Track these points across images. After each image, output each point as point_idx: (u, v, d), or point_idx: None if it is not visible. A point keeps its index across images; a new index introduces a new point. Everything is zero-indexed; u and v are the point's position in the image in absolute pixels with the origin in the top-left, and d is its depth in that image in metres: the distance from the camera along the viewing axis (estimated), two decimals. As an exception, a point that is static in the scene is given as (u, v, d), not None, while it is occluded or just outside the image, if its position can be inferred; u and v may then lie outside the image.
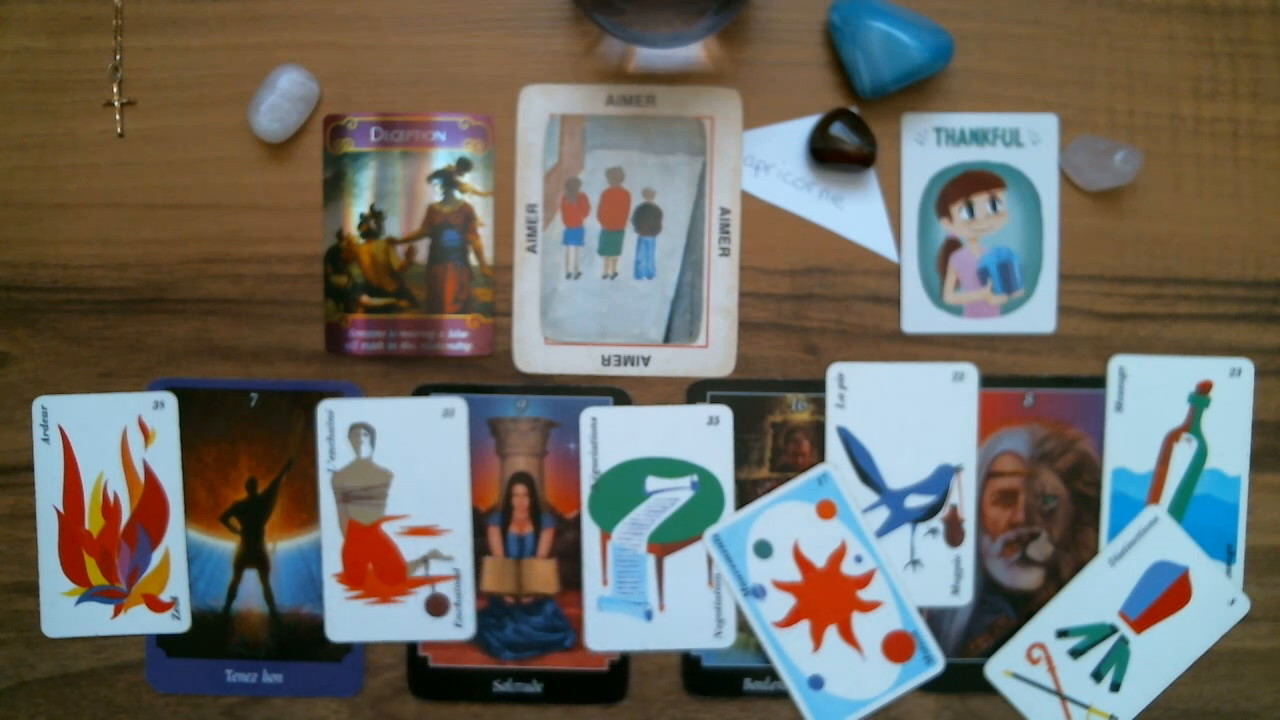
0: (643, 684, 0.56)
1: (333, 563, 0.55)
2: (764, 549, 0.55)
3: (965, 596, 0.55)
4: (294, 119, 0.54)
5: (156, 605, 0.56)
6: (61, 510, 0.55)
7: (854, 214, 0.55)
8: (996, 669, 0.56)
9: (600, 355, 0.55)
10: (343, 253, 0.55)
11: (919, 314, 0.55)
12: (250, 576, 0.56)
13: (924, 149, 0.55)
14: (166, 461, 0.55)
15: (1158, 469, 0.55)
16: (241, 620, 0.56)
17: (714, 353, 0.55)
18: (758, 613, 0.55)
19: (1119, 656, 0.55)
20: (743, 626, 0.56)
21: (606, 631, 0.56)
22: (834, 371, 0.55)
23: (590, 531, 0.55)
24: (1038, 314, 0.55)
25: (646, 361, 0.55)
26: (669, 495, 0.55)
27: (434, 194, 0.55)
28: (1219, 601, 0.55)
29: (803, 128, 0.55)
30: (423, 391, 0.55)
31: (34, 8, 0.55)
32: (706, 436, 0.55)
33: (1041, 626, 0.55)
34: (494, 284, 0.55)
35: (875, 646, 0.55)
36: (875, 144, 0.53)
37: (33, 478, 0.56)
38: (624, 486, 0.55)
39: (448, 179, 0.55)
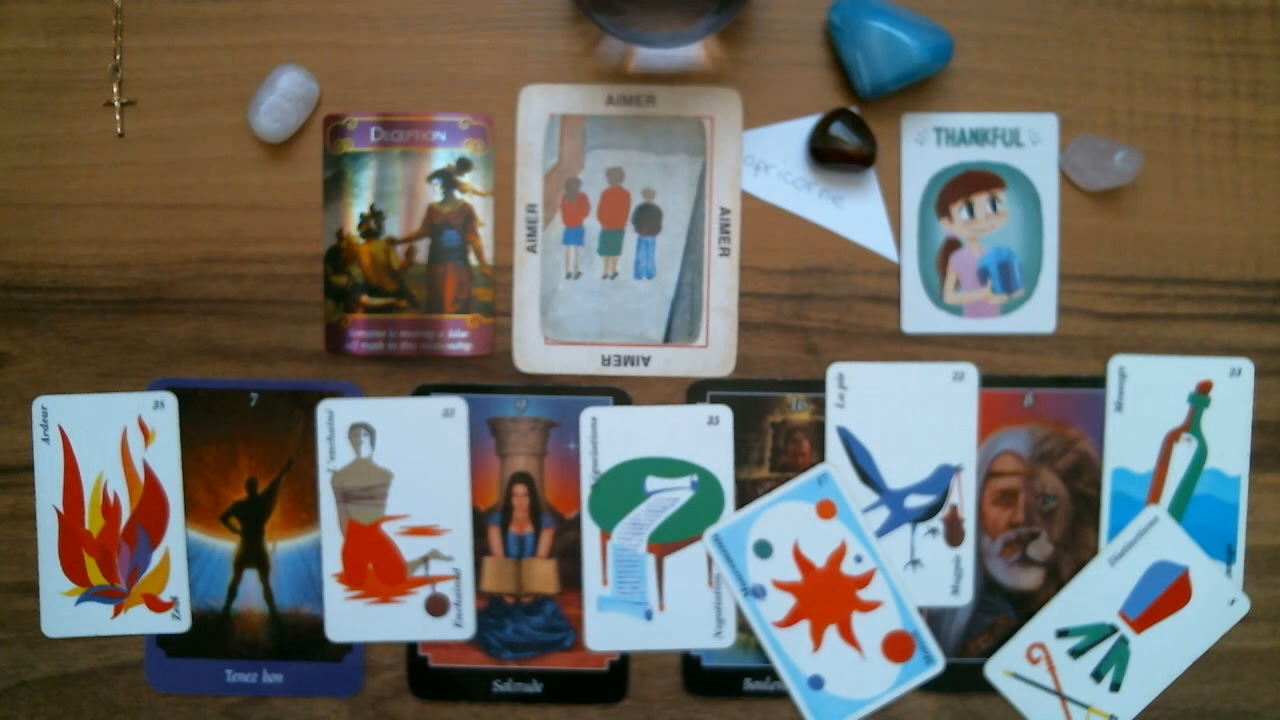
0: (643, 684, 0.56)
1: (333, 563, 0.55)
2: (764, 549, 0.55)
3: (965, 596, 0.55)
4: (294, 119, 0.54)
5: (156, 605, 0.56)
6: (61, 510, 0.55)
7: (854, 214, 0.55)
8: (996, 669, 0.56)
9: (600, 355, 0.55)
10: (343, 253, 0.55)
11: (919, 314, 0.55)
12: (250, 576, 0.56)
13: (924, 149, 0.55)
14: (166, 461, 0.55)
15: (1158, 469, 0.55)
16: (241, 620, 0.56)
17: (714, 353, 0.55)
18: (758, 613, 0.55)
19: (1119, 656, 0.55)
20: (743, 626, 0.56)
21: (606, 631, 0.56)
22: (834, 371, 0.55)
23: (590, 531, 0.55)
24: (1038, 314, 0.55)
25: (646, 361, 0.55)
26: (669, 495, 0.55)
27: (434, 194, 0.55)
28: (1219, 601, 0.55)
29: (803, 128, 0.55)
30: (423, 391, 0.55)
31: (34, 8, 0.55)
32: (706, 436, 0.55)
33: (1041, 626, 0.55)
34: (494, 284, 0.55)
35: (875, 646, 0.55)
36: (875, 144, 0.53)
37: (33, 478, 0.56)
38: (624, 486, 0.55)
39: (448, 179, 0.55)
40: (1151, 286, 0.55)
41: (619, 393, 0.55)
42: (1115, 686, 0.55)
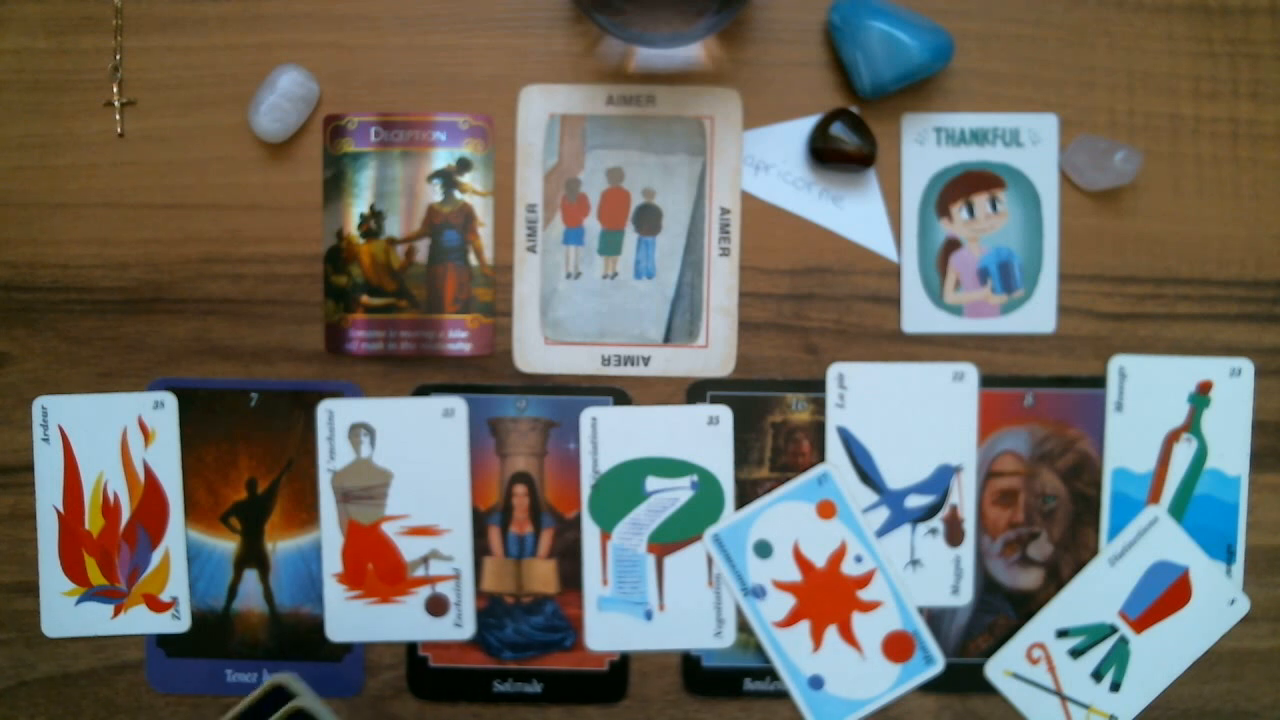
0: (643, 684, 0.56)
1: (333, 563, 0.55)
2: (764, 549, 0.55)
3: (965, 596, 0.55)
4: (294, 119, 0.54)
5: (156, 605, 0.56)
6: (61, 510, 0.55)
7: (854, 214, 0.55)
8: (996, 669, 0.56)
9: (600, 355, 0.55)
10: (343, 253, 0.55)
11: (919, 314, 0.55)
12: (250, 576, 0.56)
13: (924, 149, 0.55)
14: (166, 461, 0.55)
15: (1158, 469, 0.55)
16: (241, 620, 0.56)
17: (714, 353, 0.55)
18: (758, 613, 0.55)
19: (1119, 656, 0.55)
20: (743, 626, 0.56)
21: (606, 631, 0.56)
22: (834, 371, 0.55)
23: (590, 531, 0.55)
24: (1038, 314, 0.55)
25: (646, 361, 0.55)
26: (669, 495, 0.55)
27: (434, 194, 0.55)
28: (1219, 601, 0.55)
29: (803, 128, 0.55)
30: (423, 391, 0.55)
31: (34, 8, 0.55)
32: (706, 436, 0.55)
33: (1041, 626, 0.55)
34: (494, 284, 0.55)
35: (875, 646, 0.55)
36: (875, 144, 0.53)
37: (33, 478, 0.56)
38: (624, 486, 0.55)
39: (448, 179, 0.55)
40: (1151, 286, 0.55)
41: (619, 393, 0.55)
42: (1115, 686, 0.55)
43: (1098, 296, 0.55)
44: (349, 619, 0.55)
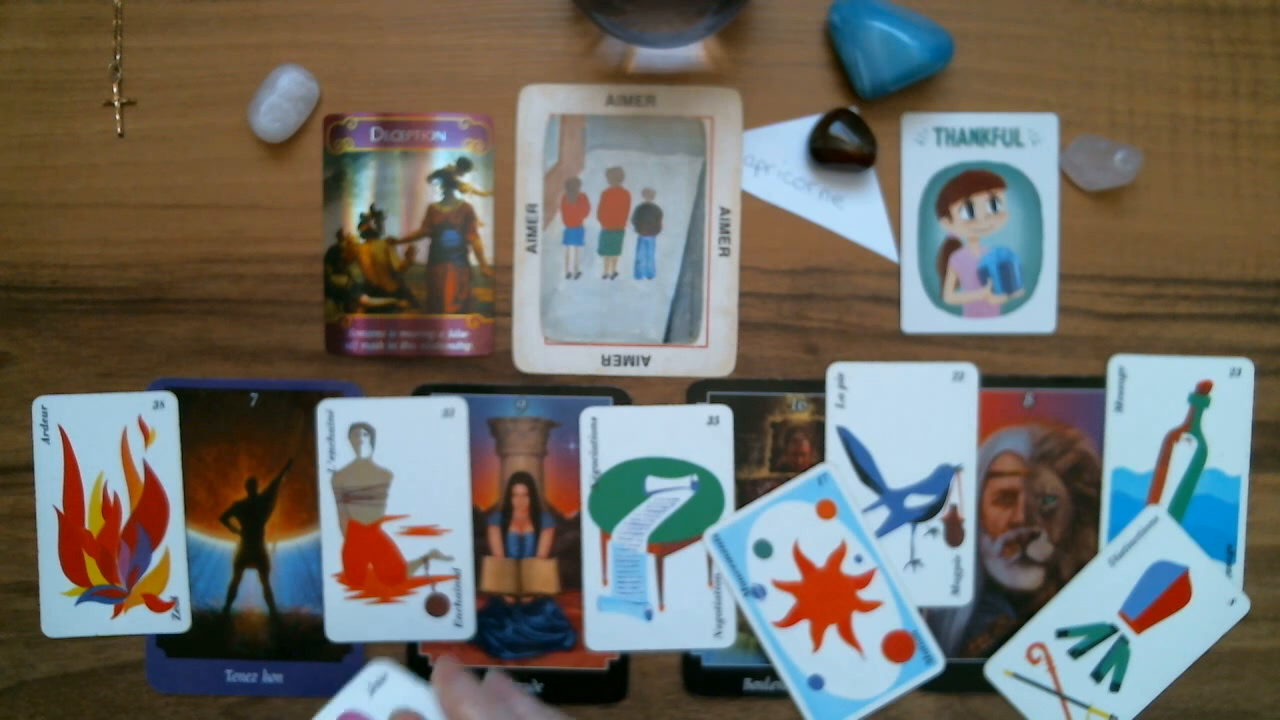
0: (643, 684, 0.56)
1: (333, 563, 0.55)
2: (764, 549, 0.55)
3: (965, 596, 0.55)
4: (294, 119, 0.54)
5: (156, 605, 0.56)
6: (61, 510, 0.55)
7: (854, 214, 0.55)
8: (996, 669, 0.56)
9: (600, 355, 0.55)
10: (343, 253, 0.55)
11: (919, 314, 0.55)
12: (250, 576, 0.56)
13: (924, 149, 0.55)
14: (166, 461, 0.55)
15: (1158, 469, 0.55)
16: (241, 620, 0.56)
17: (714, 353, 0.55)
18: (758, 613, 0.55)
19: (1119, 656, 0.55)
20: (743, 626, 0.56)
21: (606, 631, 0.56)
22: (834, 371, 0.55)
23: (590, 531, 0.55)
24: (1038, 314, 0.55)
25: (646, 361, 0.55)
26: (669, 495, 0.55)
27: (434, 194, 0.55)
28: (1219, 601, 0.55)
29: (803, 128, 0.55)
30: (423, 391, 0.55)
31: (34, 8, 0.55)
32: (706, 436, 0.55)
33: (1041, 626, 0.55)
34: (494, 284, 0.55)
35: (875, 646, 0.55)
36: (875, 144, 0.53)
37: (33, 478, 0.56)
38: (624, 486, 0.55)
39: (448, 179, 0.55)
40: (1151, 286, 0.55)
41: (619, 393, 0.55)
42: (1115, 686, 0.55)
43: (1098, 296, 0.55)
44: (349, 619, 0.55)
